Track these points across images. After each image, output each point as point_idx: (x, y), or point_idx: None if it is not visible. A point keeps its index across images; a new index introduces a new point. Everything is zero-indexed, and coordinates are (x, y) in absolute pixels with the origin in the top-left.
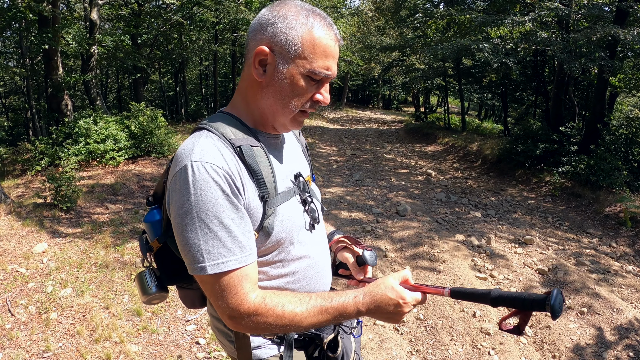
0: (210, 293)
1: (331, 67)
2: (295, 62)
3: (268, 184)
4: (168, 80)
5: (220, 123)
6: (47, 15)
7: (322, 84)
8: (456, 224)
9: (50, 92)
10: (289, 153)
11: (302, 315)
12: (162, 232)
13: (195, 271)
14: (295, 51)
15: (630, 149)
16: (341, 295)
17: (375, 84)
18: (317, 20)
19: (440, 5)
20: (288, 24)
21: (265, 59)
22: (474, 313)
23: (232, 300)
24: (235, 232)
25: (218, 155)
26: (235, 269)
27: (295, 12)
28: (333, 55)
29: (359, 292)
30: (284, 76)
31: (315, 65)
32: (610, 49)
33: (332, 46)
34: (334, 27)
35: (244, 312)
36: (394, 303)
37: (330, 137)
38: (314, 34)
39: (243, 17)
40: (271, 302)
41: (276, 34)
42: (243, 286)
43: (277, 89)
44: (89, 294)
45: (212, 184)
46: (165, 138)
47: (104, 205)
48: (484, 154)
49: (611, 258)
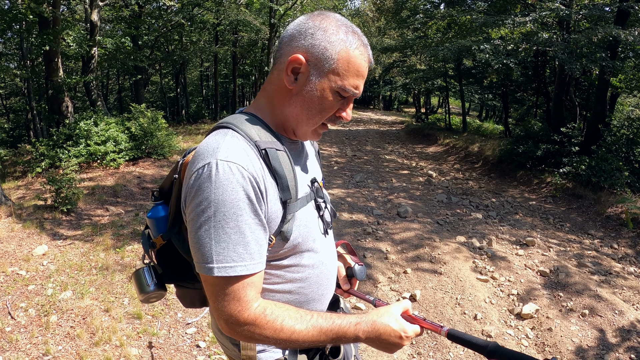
0: (211, 295)
1: (360, 87)
2: (329, 77)
3: (291, 189)
4: (169, 81)
5: (245, 123)
6: (47, 17)
7: (348, 102)
8: (457, 226)
9: (51, 94)
10: (306, 158)
11: (300, 333)
12: (167, 229)
13: (202, 270)
14: (330, 66)
15: (632, 149)
16: (342, 318)
17: (376, 84)
18: (355, 39)
19: (441, 6)
20: (328, 38)
21: (299, 67)
22: (475, 315)
23: (233, 306)
24: (249, 239)
25: (244, 156)
26: (242, 275)
27: (336, 27)
28: (363, 75)
29: (362, 319)
30: (315, 88)
31: (346, 82)
32: (611, 50)
33: (364, 66)
34: (369, 48)
35: (243, 320)
36: (396, 335)
37: (331, 138)
38: (350, 52)
39: (243, 19)
40: (271, 315)
41: (314, 45)
42: (247, 293)
43: (305, 99)
44: (89, 296)
45: (235, 185)
46: (165, 140)
47: (104, 207)
48: (485, 154)
49: (613, 259)
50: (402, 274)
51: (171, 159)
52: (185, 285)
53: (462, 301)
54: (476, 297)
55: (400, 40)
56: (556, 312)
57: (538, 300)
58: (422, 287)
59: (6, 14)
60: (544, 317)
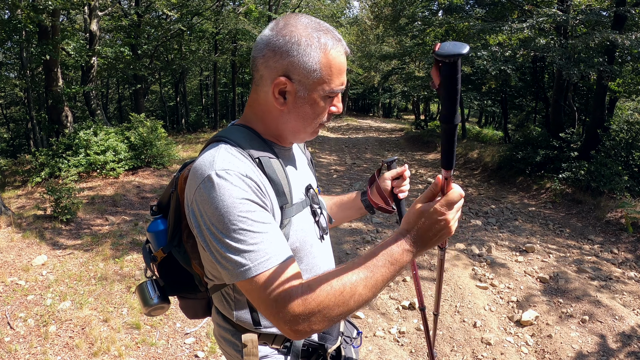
0: (261, 299)
1: (344, 81)
2: (316, 88)
3: (286, 194)
4: (168, 90)
5: (237, 135)
6: (47, 27)
7: (337, 97)
8: (456, 233)
9: (51, 104)
10: (299, 165)
11: (357, 281)
12: (167, 242)
13: (241, 276)
14: (314, 77)
15: (631, 153)
16: (377, 246)
17: (375, 92)
18: (329, 38)
19: (439, 13)
20: (304, 51)
21: (285, 87)
22: (475, 323)
23: (284, 297)
24: (269, 231)
25: (240, 164)
26: (279, 265)
27: (307, 36)
28: (344, 68)
29: (394, 231)
30: (305, 102)
31: (333, 85)
32: (609, 54)
33: (344, 61)
34: (343, 41)
35: (304, 306)
36: (436, 212)
37: (330, 146)
38: (329, 56)
39: (242, 28)
40: (320, 281)
41: (293, 63)
42: (292, 280)
43: (299, 113)
44: (88, 306)
45: (238, 189)
46: (165, 149)
47: (104, 216)
48: (484, 161)
49: (612, 264)
50: (401, 282)
51: (171, 169)
52: (187, 296)
53: (461, 309)
54: (475, 305)
55: (399, 48)
56: (556, 319)
57: (538, 306)
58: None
59: (6, 23)
60: (544, 323)
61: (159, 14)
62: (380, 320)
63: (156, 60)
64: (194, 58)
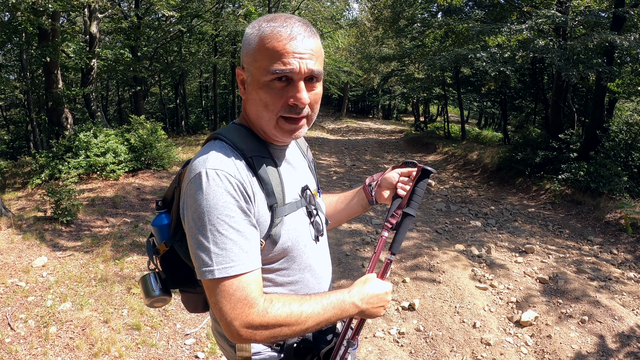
0: (217, 301)
1: (290, 62)
2: (255, 72)
3: (277, 194)
4: (168, 92)
5: (233, 134)
6: (47, 29)
7: (294, 85)
8: (456, 234)
9: (51, 106)
10: (297, 166)
11: (307, 312)
12: (170, 236)
13: (203, 275)
14: (252, 60)
15: (630, 154)
16: (336, 292)
17: (375, 94)
18: (269, 23)
19: (438, 15)
20: (246, 39)
21: (241, 76)
22: (474, 324)
23: (240, 307)
24: (243, 238)
25: (231, 163)
26: (243, 273)
27: (252, 26)
28: (288, 51)
29: (352, 288)
30: (252, 88)
31: (269, 65)
32: (607, 55)
33: (283, 41)
34: (292, 24)
35: (257, 320)
36: (385, 291)
37: (330, 148)
38: (262, 37)
39: (242, 29)
40: (279, 302)
41: (243, 52)
42: (252, 291)
43: (253, 100)
44: (88, 308)
45: (224, 190)
46: (165, 151)
47: (104, 218)
48: (483, 162)
49: (612, 265)
50: (400, 283)
51: (170, 170)
52: (188, 290)
53: (461, 309)
54: (475, 305)
55: (398, 50)
56: (555, 319)
57: (537, 307)
58: (421, 296)
59: (6, 25)
60: (544, 324)
61: (158, 16)
62: (379, 321)
63: (156, 62)
64: (193, 60)
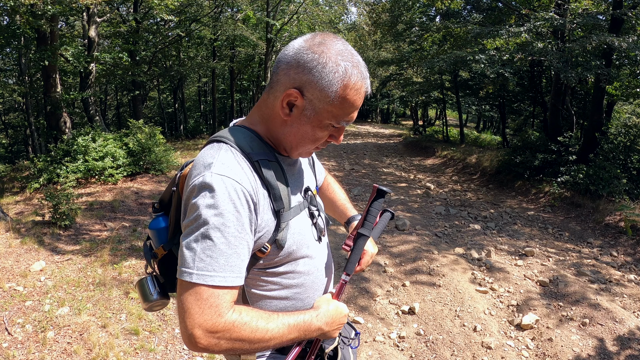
0: (184, 302)
1: (354, 116)
2: (324, 113)
3: (284, 198)
4: (167, 97)
5: (239, 136)
6: (45, 32)
7: (341, 129)
8: (455, 237)
9: (49, 110)
10: (300, 168)
11: (272, 331)
12: (168, 240)
13: (181, 275)
14: (326, 103)
15: (629, 156)
16: (305, 313)
17: (373, 98)
18: (354, 74)
19: (437, 18)
20: (326, 76)
21: (295, 100)
22: (475, 327)
23: (208, 313)
24: (232, 252)
25: (238, 170)
26: (220, 286)
27: (335, 62)
28: (358, 106)
29: (319, 310)
30: (308, 122)
31: (341, 118)
32: (606, 58)
33: (360, 100)
34: (367, 80)
35: (220, 326)
36: (344, 315)
37: (328, 152)
38: (348, 90)
39: (240, 34)
40: (247, 316)
41: (311, 81)
42: (224, 301)
43: (300, 130)
44: (86, 312)
45: (227, 199)
46: (163, 155)
47: (102, 222)
48: (482, 166)
49: (612, 267)
50: (400, 287)
51: (169, 175)
52: None
53: (461, 313)
54: (475, 309)
55: (397, 54)
56: (556, 322)
57: (538, 310)
58: (421, 299)
59: (5, 29)
60: (544, 327)
61: (157, 20)
62: (379, 325)
63: (154, 67)
64: (192, 64)
